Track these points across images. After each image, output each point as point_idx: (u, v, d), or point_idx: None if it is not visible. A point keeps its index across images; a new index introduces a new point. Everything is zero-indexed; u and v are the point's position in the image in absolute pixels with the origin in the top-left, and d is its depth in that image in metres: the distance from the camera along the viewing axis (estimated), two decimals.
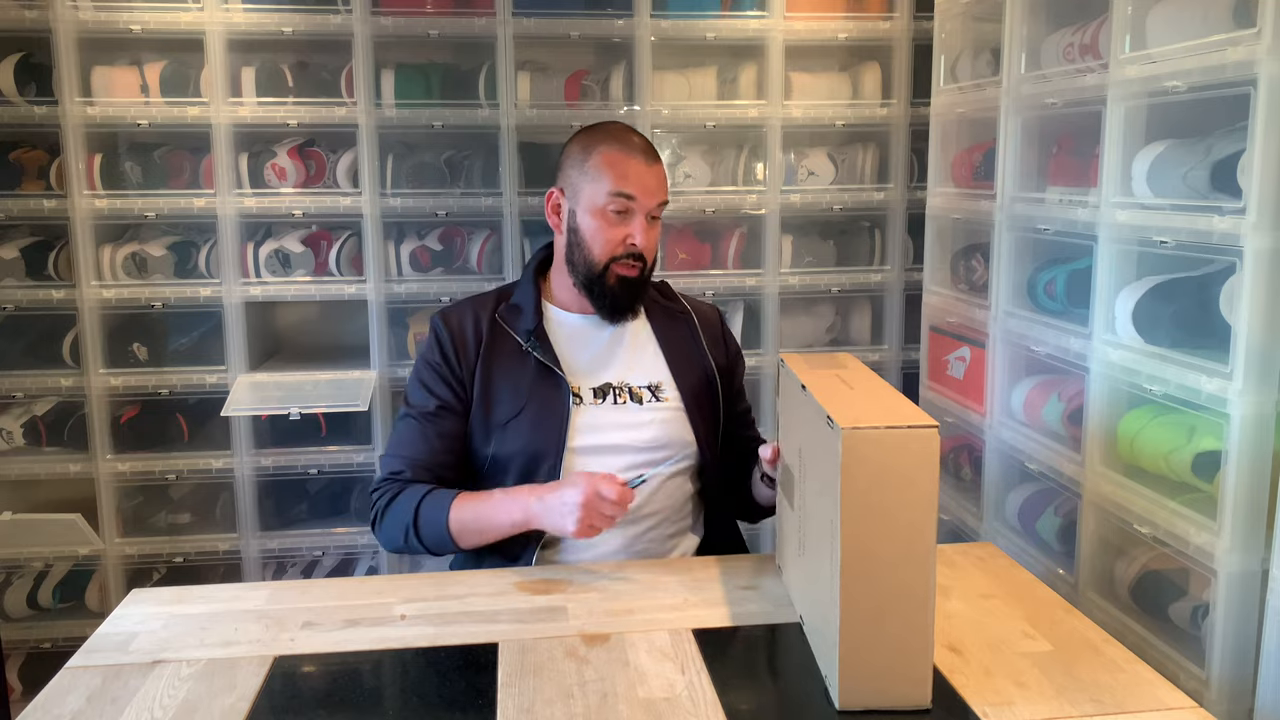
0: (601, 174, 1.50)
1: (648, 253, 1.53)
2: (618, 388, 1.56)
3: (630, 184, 1.49)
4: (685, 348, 1.62)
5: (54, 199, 2.36)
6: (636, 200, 1.50)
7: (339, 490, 2.57)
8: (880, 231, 2.61)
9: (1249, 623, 1.33)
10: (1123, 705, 1.05)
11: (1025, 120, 1.86)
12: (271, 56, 2.43)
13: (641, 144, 1.53)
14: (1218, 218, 1.33)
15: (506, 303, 1.60)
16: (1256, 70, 1.25)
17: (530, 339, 1.54)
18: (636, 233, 1.51)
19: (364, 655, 1.18)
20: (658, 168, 1.53)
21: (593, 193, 1.51)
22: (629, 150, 1.51)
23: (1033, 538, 1.83)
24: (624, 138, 1.53)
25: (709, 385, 1.61)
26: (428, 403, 1.54)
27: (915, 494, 1.01)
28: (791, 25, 2.47)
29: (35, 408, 2.46)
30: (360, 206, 2.41)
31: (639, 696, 1.06)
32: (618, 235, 1.51)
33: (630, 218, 1.51)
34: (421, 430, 1.53)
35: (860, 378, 1.22)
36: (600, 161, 1.51)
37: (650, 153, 1.53)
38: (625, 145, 1.52)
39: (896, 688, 1.04)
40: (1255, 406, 1.29)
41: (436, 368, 1.55)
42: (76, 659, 1.17)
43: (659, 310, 1.65)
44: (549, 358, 1.53)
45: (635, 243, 1.51)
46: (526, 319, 1.56)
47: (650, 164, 1.52)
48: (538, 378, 1.53)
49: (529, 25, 2.40)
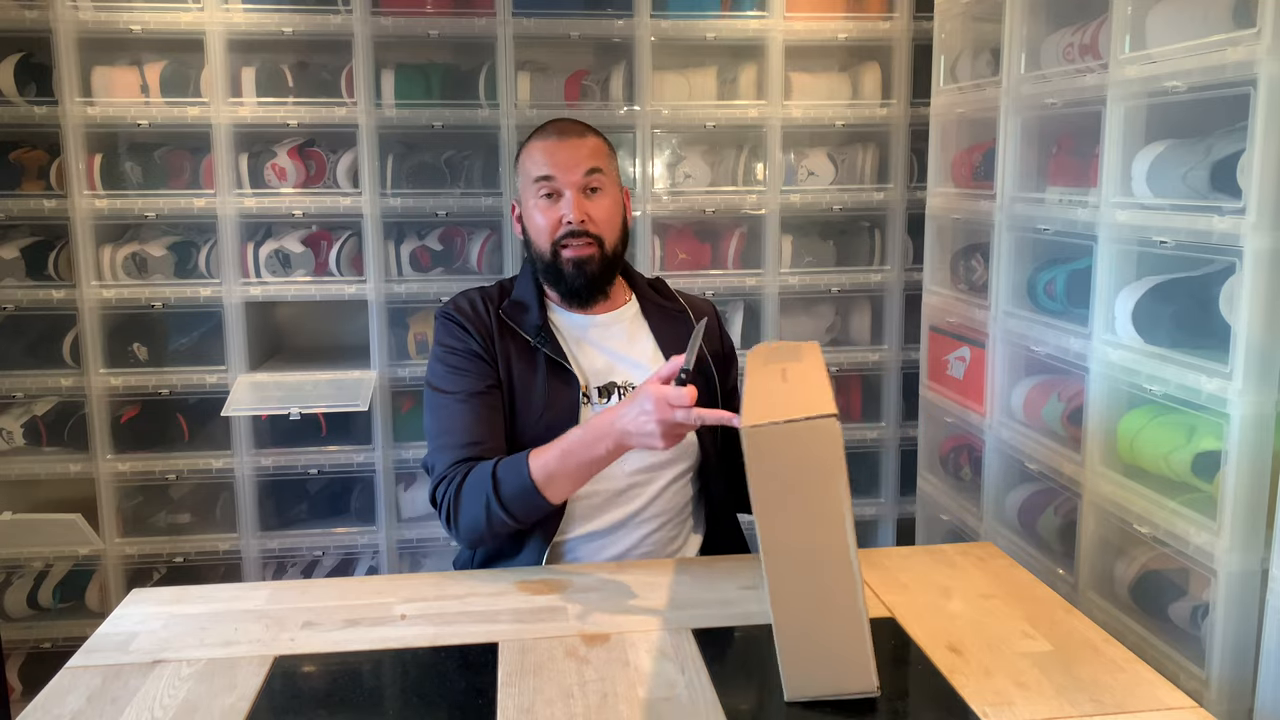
0: (527, 169, 1.53)
1: (597, 227, 1.52)
2: (621, 387, 1.55)
3: (547, 165, 1.51)
4: (682, 346, 1.62)
5: (54, 199, 2.36)
6: (557, 179, 1.50)
7: (339, 490, 2.57)
8: (880, 231, 2.61)
9: (1249, 623, 1.33)
10: (1123, 705, 1.05)
11: (1025, 120, 1.86)
12: (271, 56, 2.43)
13: (559, 126, 1.55)
14: (1218, 218, 1.33)
15: (509, 298, 1.59)
16: (1256, 70, 1.25)
17: (539, 335, 1.53)
18: (566, 209, 1.50)
19: (364, 655, 1.18)
20: (577, 140, 1.52)
21: (525, 189, 1.54)
22: (545, 135, 1.54)
23: (1033, 538, 1.83)
24: (543, 130, 1.56)
25: (707, 384, 1.61)
26: (473, 383, 1.49)
27: (824, 484, 1.01)
28: (791, 25, 2.47)
29: (35, 408, 2.46)
30: (360, 206, 2.41)
31: (639, 696, 1.06)
32: (553, 218, 1.51)
33: (559, 198, 1.51)
34: (474, 410, 1.47)
35: (800, 370, 1.20)
36: (523, 158, 1.55)
37: (569, 130, 1.54)
38: (542, 133, 1.54)
39: (840, 677, 1.05)
40: (1255, 406, 1.29)
41: (469, 351, 1.51)
42: (76, 659, 1.17)
43: (655, 309, 1.64)
44: (559, 355, 1.52)
45: (569, 219, 1.50)
46: (533, 315, 1.55)
47: (565, 139, 1.52)
48: (549, 374, 1.52)
49: (529, 25, 2.40)
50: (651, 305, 1.64)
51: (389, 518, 2.51)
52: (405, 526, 2.53)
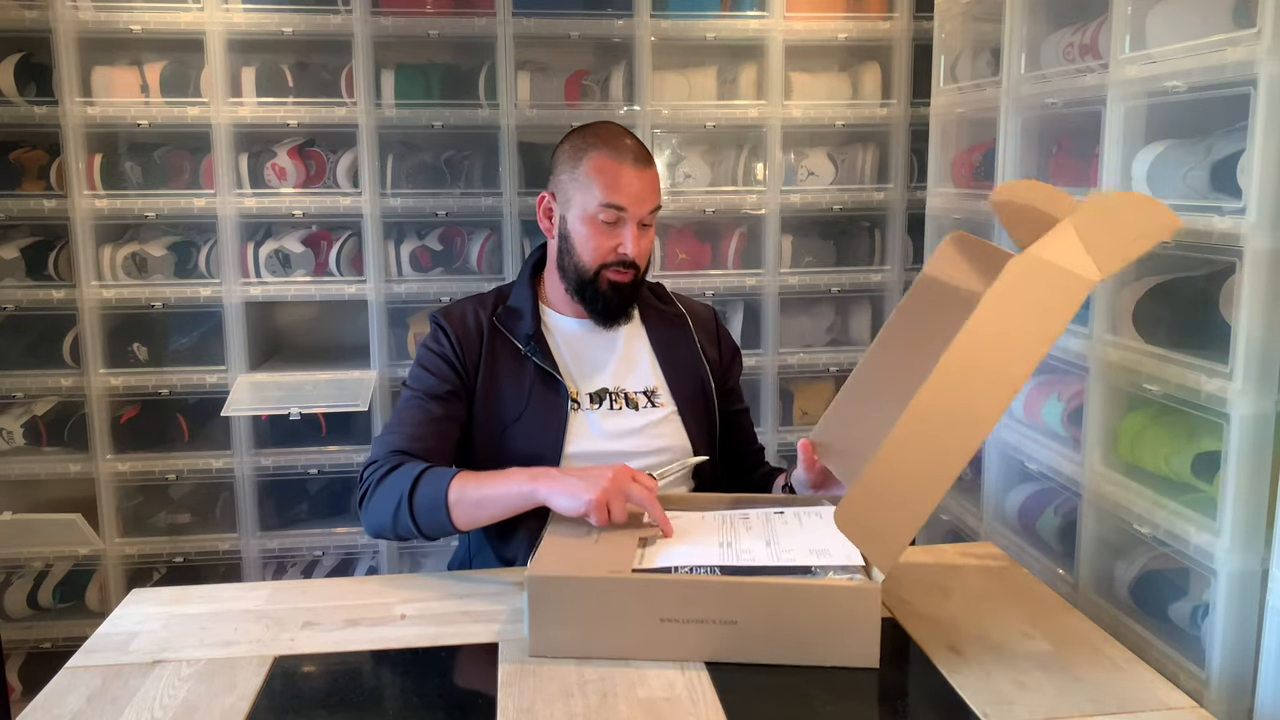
0: (592, 182, 1.47)
1: (640, 259, 1.51)
2: (614, 393, 1.55)
3: (621, 194, 1.46)
4: (680, 352, 1.61)
5: (54, 199, 2.36)
6: (627, 210, 1.47)
7: (339, 490, 2.57)
8: (880, 231, 2.61)
9: (1249, 623, 1.33)
10: (1123, 705, 1.05)
11: (1025, 120, 1.86)
12: (271, 56, 2.43)
13: (633, 148, 1.50)
14: (1218, 218, 1.32)
15: (504, 305, 1.58)
16: (1256, 70, 1.25)
17: (529, 344, 1.52)
18: (627, 242, 1.48)
19: (364, 655, 1.18)
20: (649, 173, 1.49)
21: (583, 201, 1.48)
22: (620, 157, 1.47)
23: (1033, 538, 1.83)
24: (615, 143, 1.49)
25: (704, 389, 1.61)
26: (436, 386, 1.50)
27: (1039, 335, 1.08)
28: (791, 25, 2.47)
29: (35, 408, 2.46)
30: (360, 206, 2.41)
31: (639, 696, 1.06)
32: (608, 244, 1.49)
33: (621, 227, 1.48)
34: (428, 411, 1.48)
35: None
36: (590, 169, 1.48)
37: (642, 157, 1.50)
38: (616, 152, 1.48)
39: (875, 541, 1.09)
40: (1255, 407, 1.29)
41: (443, 355, 1.52)
42: (76, 659, 1.17)
43: (654, 314, 1.64)
44: (548, 363, 1.52)
45: (626, 252, 1.48)
46: (525, 323, 1.54)
47: (641, 170, 1.48)
48: (537, 382, 1.52)
49: (529, 25, 2.40)
50: (650, 311, 1.63)
51: None
52: None
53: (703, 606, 1.12)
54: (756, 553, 1.20)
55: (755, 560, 1.18)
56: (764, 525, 1.29)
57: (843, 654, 1.11)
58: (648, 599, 1.12)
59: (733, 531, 1.28)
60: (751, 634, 1.12)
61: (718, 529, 1.29)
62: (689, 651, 1.13)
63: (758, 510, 1.35)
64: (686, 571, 1.15)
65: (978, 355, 1.06)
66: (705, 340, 1.64)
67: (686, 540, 1.25)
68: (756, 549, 1.21)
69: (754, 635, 1.11)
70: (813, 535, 1.25)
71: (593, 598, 1.13)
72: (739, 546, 1.22)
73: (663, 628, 1.12)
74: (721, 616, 1.12)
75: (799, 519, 1.31)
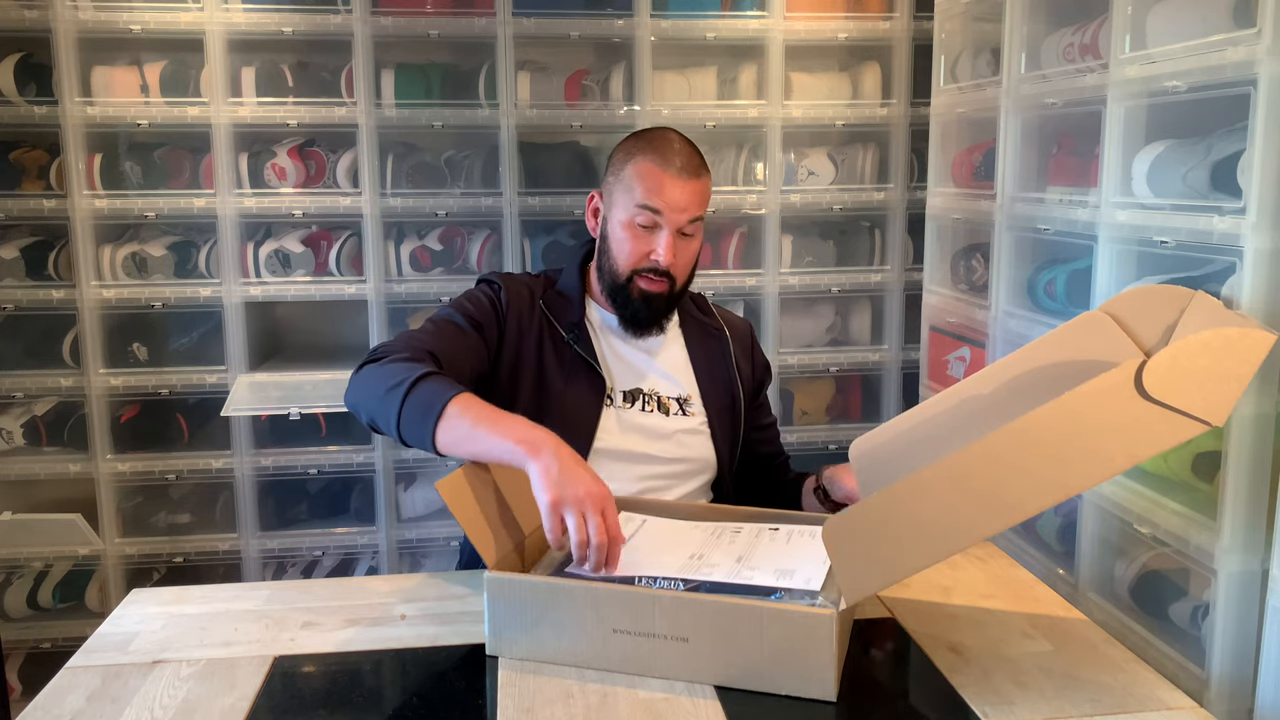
0: (634, 185, 1.47)
1: (676, 269, 1.49)
2: (648, 395, 1.54)
3: (658, 198, 1.45)
4: (716, 366, 1.61)
5: (54, 199, 2.36)
6: (663, 215, 1.46)
7: (339, 490, 2.57)
8: (880, 231, 2.61)
9: (1249, 623, 1.32)
10: (1123, 705, 1.05)
11: (1025, 120, 1.86)
12: (271, 56, 2.43)
13: (682, 157, 1.48)
14: (1218, 218, 1.32)
15: (553, 289, 1.58)
16: (1256, 70, 1.25)
17: (573, 331, 1.52)
18: (660, 248, 1.47)
19: (364, 655, 1.18)
20: (694, 183, 1.47)
21: (624, 202, 1.48)
22: (665, 163, 1.47)
23: (1033, 538, 1.83)
24: (664, 149, 1.48)
25: (734, 404, 1.60)
26: (477, 315, 1.48)
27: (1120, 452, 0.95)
28: (791, 25, 2.47)
29: (35, 408, 2.46)
30: (360, 206, 2.41)
31: (639, 696, 1.06)
32: (642, 249, 1.48)
33: (657, 232, 1.47)
34: (462, 331, 1.46)
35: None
36: (634, 172, 1.48)
37: (690, 168, 1.48)
38: (662, 158, 1.47)
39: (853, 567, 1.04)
40: (1255, 406, 1.29)
41: (493, 304, 1.51)
42: (76, 659, 1.17)
43: (694, 325, 1.63)
44: (589, 353, 1.52)
45: (658, 258, 1.47)
46: (572, 310, 1.54)
47: (686, 179, 1.46)
48: (575, 370, 1.51)
49: (529, 25, 2.40)
50: (691, 321, 1.64)
51: (389, 518, 2.51)
52: (405, 526, 2.53)
53: (653, 621, 1.07)
54: (720, 569, 1.17)
55: (713, 576, 1.15)
56: (749, 541, 1.26)
57: (796, 683, 1.04)
58: (598, 608, 1.09)
59: (711, 545, 1.25)
60: (702, 654, 1.07)
61: (698, 541, 1.26)
62: (641, 666, 1.09)
63: (753, 524, 1.33)
64: (648, 583, 1.13)
65: (1048, 437, 0.96)
66: (741, 356, 1.64)
67: (662, 550, 1.23)
68: (723, 564, 1.18)
69: (705, 656, 1.07)
70: (788, 555, 1.21)
71: (547, 603, 1.11)
72: (707, 560, 1.19)
73: (615, 639, 1.09)
74: (672, 633, 1.07)
75: (788, 537, 1.28)
